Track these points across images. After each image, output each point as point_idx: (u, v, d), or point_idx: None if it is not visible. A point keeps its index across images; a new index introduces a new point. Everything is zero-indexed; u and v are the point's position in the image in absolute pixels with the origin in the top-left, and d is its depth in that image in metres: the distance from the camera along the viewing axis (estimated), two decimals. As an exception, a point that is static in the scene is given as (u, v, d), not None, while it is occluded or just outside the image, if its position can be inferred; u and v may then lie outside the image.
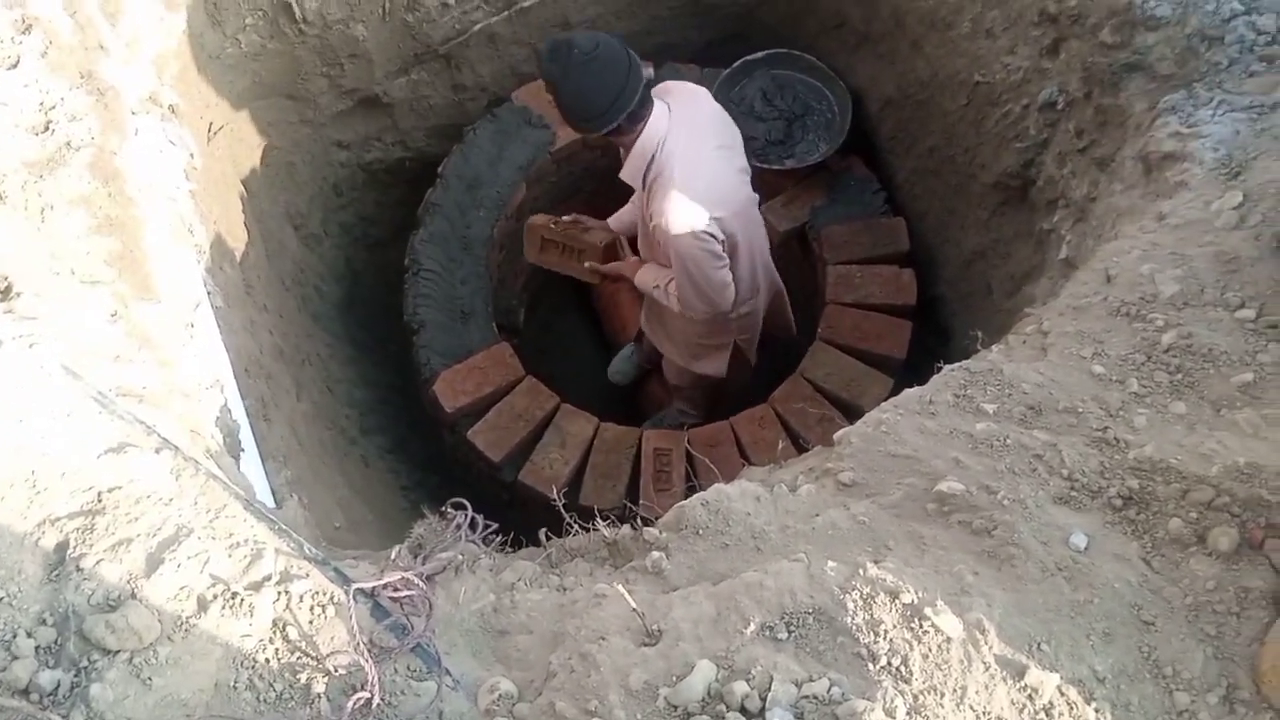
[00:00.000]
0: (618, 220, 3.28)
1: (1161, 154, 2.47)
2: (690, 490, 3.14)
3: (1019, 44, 3.09)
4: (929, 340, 3.80)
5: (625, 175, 2.87)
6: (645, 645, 1.60)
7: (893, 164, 3.97)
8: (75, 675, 1.46)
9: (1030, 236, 3.19)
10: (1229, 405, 1.90)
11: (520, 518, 2.28)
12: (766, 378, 3.69)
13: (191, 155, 2.88)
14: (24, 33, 2.42)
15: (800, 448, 3.29)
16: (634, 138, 2.76)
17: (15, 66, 2.38)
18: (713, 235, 2.82)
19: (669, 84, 2.93)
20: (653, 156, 2.78)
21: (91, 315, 2.10)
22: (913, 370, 3.37)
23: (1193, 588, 1.62)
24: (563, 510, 2.17)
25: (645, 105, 2.70)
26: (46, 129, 2.34)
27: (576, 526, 2.15)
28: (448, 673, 1.64)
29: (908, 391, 2.16)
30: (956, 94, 3.42)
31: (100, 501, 1.67)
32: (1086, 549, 1.69)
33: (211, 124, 3.19)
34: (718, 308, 2.99)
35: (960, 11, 3.29)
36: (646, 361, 4.18)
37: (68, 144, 2.33)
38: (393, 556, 1.93)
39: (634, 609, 1.61)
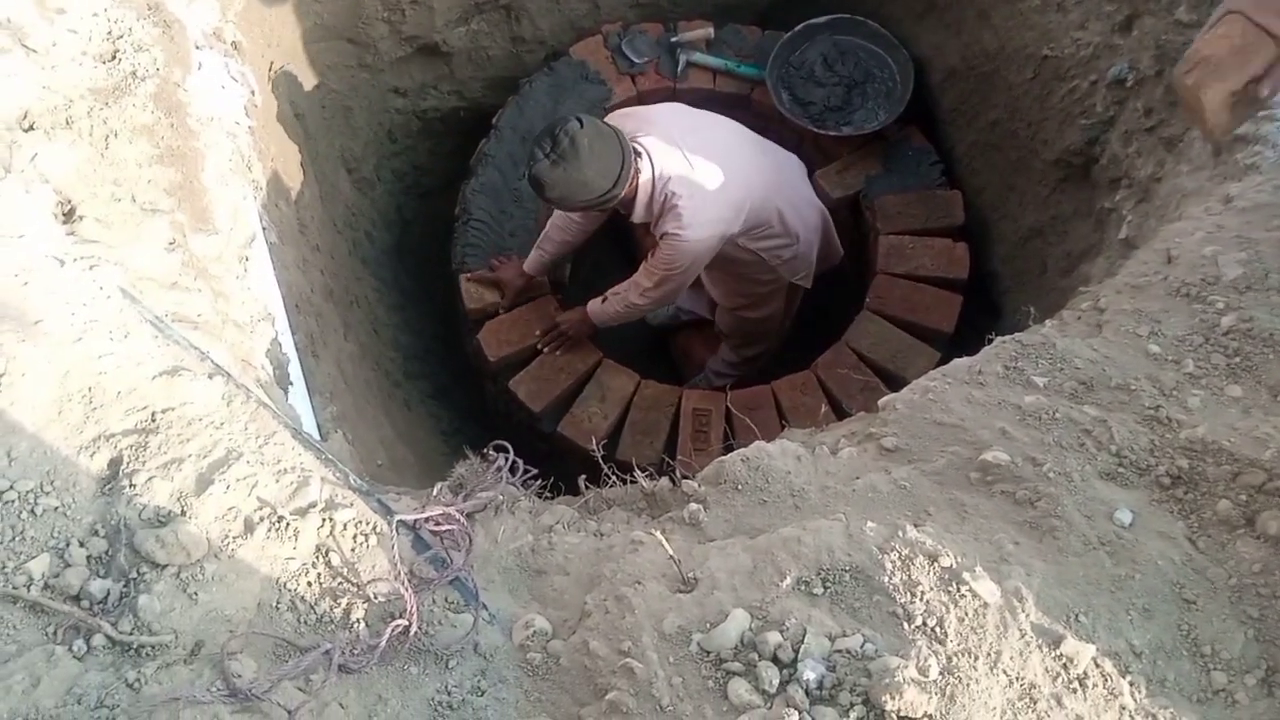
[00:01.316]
0: (534, 264, 3.48)
1: (1233, 135, 2.41)
2: (728, 450, 3.16)
3: (1091, 19, 3.02)
4: (979, 318, 3.74)
5: (639, 218, 3.01)
6: (680, 592, 1.61)
7: (952, 136, 3.90)
8: (124, 585, 1.50)
9: (1090, 215, 3.13)
10: (1287, 391, 1.86)
11: (558, 469, 2.30)
12: (811, 345, 3.67)
13: (253, 92, 2.90)
14: (95, -39, 2.45)
15: (842, 414, 3.28)
16: (634, 187, 2.90)
17: (86, -7, 2.41)
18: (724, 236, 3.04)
19: (620, 117, 3.10)
20: (653, 192, 2.93)
21: (150, 242, 2.13)
22: (959, 346, 3.31)
23: (1238, 569, 1.60)
24: (601, 461, 2.19)
25: (631, 154, 2.85)
26: (114, 58, 2.37)
27: (615, 478, 2.17)
28: (484, 606, 1.67)
29: (957, 361, 2.13)
30: (1023, 67, 3.35)
31: (154, 421, 1.71)
32: (1131, 525, 1.68)
33: (273, 63, 3.21)
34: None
35: (1032, -19, 3.21)
36: (686, 312, 4.22)
37: (133, 73, 2.36)
38: (434, 493, 1.96)
39: (671, 555, 1.63)
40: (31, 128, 2.14)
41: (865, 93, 3.88)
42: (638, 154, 2.89)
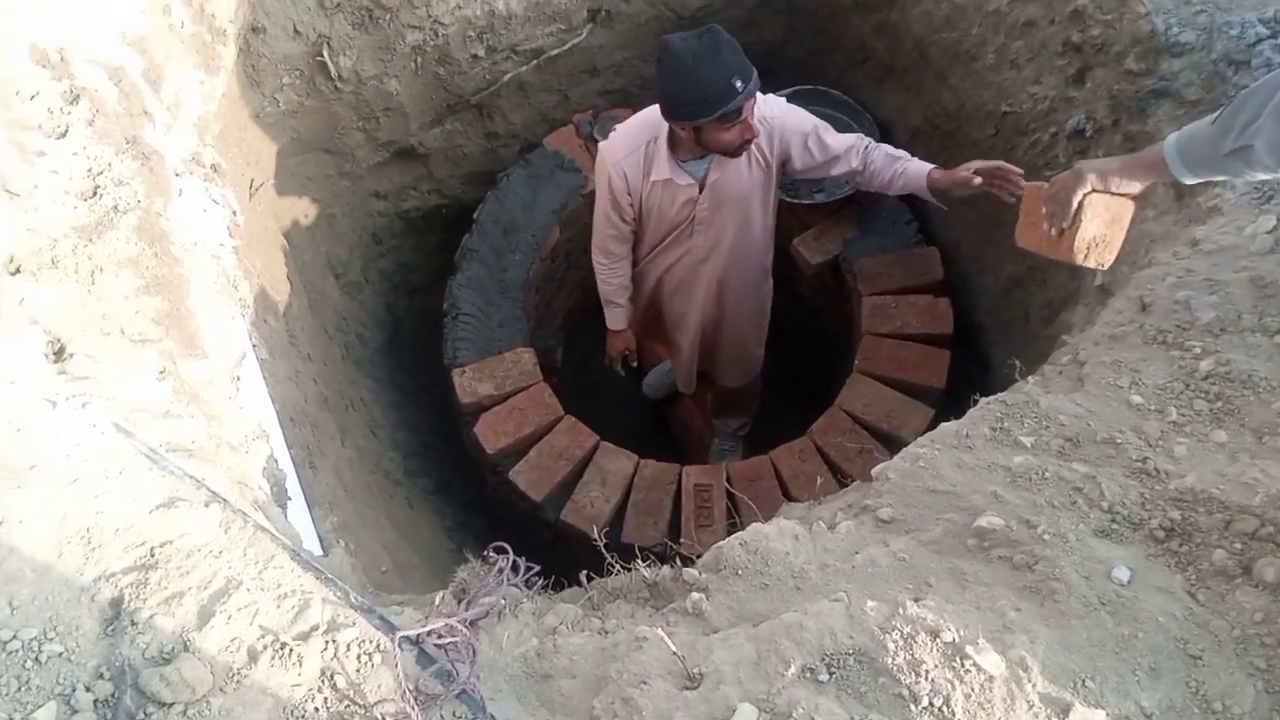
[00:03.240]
0: (619, 317, 3.47)
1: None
2: (732, 527, 3.17)
3: (1044, 74, 3.10)
4: (970, 369, 3.77)
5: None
6: (687, 689, 1.61)
7: (924, 194, 3.96)
8: (132, 729, 1.50)
9: (1065, 264, 3.17)
10: (1271, 432, 1.89)
11: (565, 555, 2.30)
12: (796, 414, 3.69)
13: (234, 213, 2.96)
14: (72, 103, 2.52)
15: (841, 481, 3.29)
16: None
17: (64, 135, 2.48)
18: None
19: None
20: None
21: (141, 373, 2.16)
22: (954, 399, 3.35)
23: (1240, 620, 1.60)
24: (604, 550, 2.20)
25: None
26: (95, 194, 2.43)
27: (618, 566, 2.17)
28: (493, 718, 1.66)
29: (944, 426, 2.15)
30: (984, 124, 3.43)
31: (153, 556, 1.72)
32: (1129, 582, 1.68)
33: (253, 181, 3.29)
34: None
35: (984, 44, 3.30)
36: (685, 387, 4.24)
37: (115, 208, 2.42)
38: (437, 602, 1.96)
39: (674, 652, 1.63)
40: (18, 270, 2.19)
41: (835, 160, 3.95)
42: None
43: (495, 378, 3.62)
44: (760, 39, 4.29)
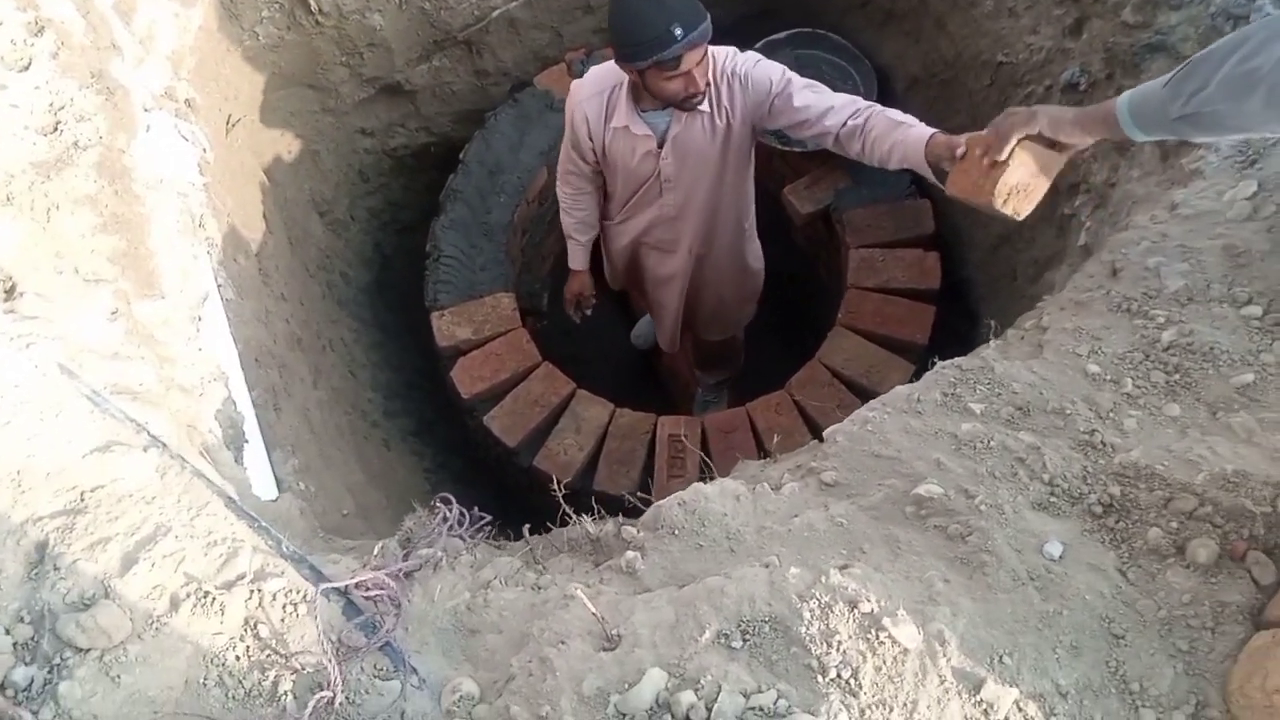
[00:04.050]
0: (580, 257, 3.31)
1: (1177, 140, 2.37)
2: (706, 479, 3.16)
3: (1041, 23, 2.99)
4: (959, 324, 3.72)
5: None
6: (605, 649, 1.61)
7: (920, 144, 3.87)
8: (48, 672, 1.52)
9: (1053, 221, 3.09)
10: (1225, 408, 1.84)
11: (539, 500, 2.29)
12: (786, 364, 3.65)
13: (204, 150, 2.92)
14: (37, 35, 2.48)
15: (818, 435, 3.26)
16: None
17: (27, 69, 2.44)
18: None
19: None
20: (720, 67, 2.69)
21: (92, 313, 2.15)
22: (941, 355, 3.30)
23: (1167, 600, 1.58)
24: (562, 500, 2.18)
25: None
26: (55, 130, 2.39)
27: (574, 517, 2.16)
28: (414, 671, 1.67)
29: (897, 389, 2.12)
30: (980, 74, 3.32)
31: (83, 500, 1.72)
32: (1061, 558, 1.66)
33: (230, 115, 3.24)
34: None
35: (983, -11, 3.19)
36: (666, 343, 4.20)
37: (75, 144, 2.39)
38: (376, 551, 1.97)
39: (594, 613, 1.62)
40: (-29, 207, 2.17)
41: (829, 106, 3.85)
42: None
43: (474, 321, 3.60)
44: (761, -22, 4.17)
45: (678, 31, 2.40)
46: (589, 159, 2.94)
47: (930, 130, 2.49)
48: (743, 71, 2.70)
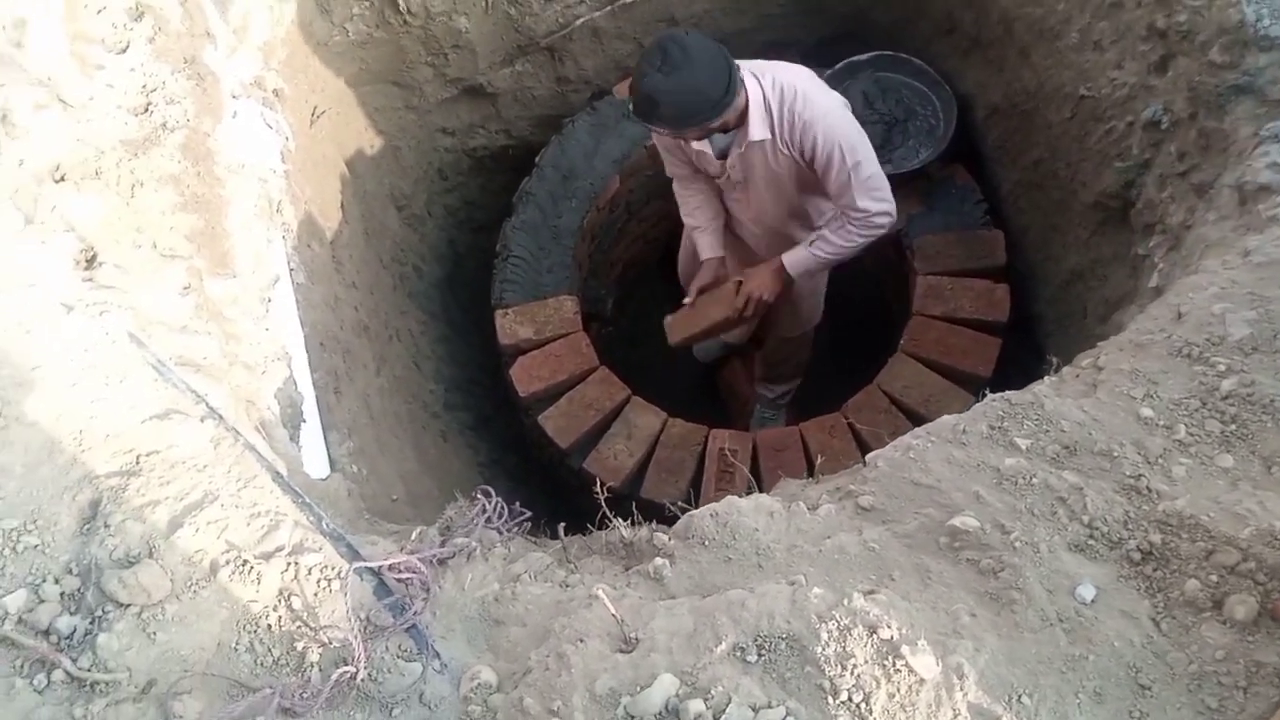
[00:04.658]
0: (711, 250, 3.29)
1: (1257, 185, 2.31)
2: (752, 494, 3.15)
3: (1126, 58, 2.93)
4: (1026, 360, 3.65)
5: (756, 133, 2.79)
6: (621, 652, 1.62)
7: (998, 175, 3.82)
8: (90, 623, 1.59)
9: (1127, 261, 3.02)
10: (1281, 463, 1.77)
11: (588, 502, 2.32)
12: (845, 387, 3.62)
13: (288, 139, 3.03)
14: (136, 20, 2.60)
15: (868, 462, 3.23)
16: (745, 99, 2.74)
17: (124, 51, 2.56)
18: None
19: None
20: (766, 96, 2.76)
21: (166, 287, 2.25)
22: (1003, 390, 3.24)
23: (1200, 655, 1.53)
24: (604, 503, 2.19)
25: (734, 63, 2.68)
26: (146, 110, 2.51)
27: (612, 521, 2.18)
28: (437, 656, 1.71)
29: (944, 418, 2.09)
30: (1061, 106, 3.26)
31: (138, 464, 1.80)
32: (1093, 602, 1.62)
33: (316, 107, 3.35)
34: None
35: (1069, 21, 3.13)
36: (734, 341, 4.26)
37: (163, 125, 2.50)
38: (414, 536, 2.01)
39: (614, 615, 1.64)
40: (63, 179, 2.28)
41: (906, 130, 3.83)
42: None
43: (536, 322, 3.66)
44: (846, 1, 4.15)
45: (629, 109, 2.70)
46: (680, 159, 3.04)
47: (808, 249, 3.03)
48: (812, 117, 2.76)
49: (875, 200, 2.85)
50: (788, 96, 2.76)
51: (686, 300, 3.31)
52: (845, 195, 2.85)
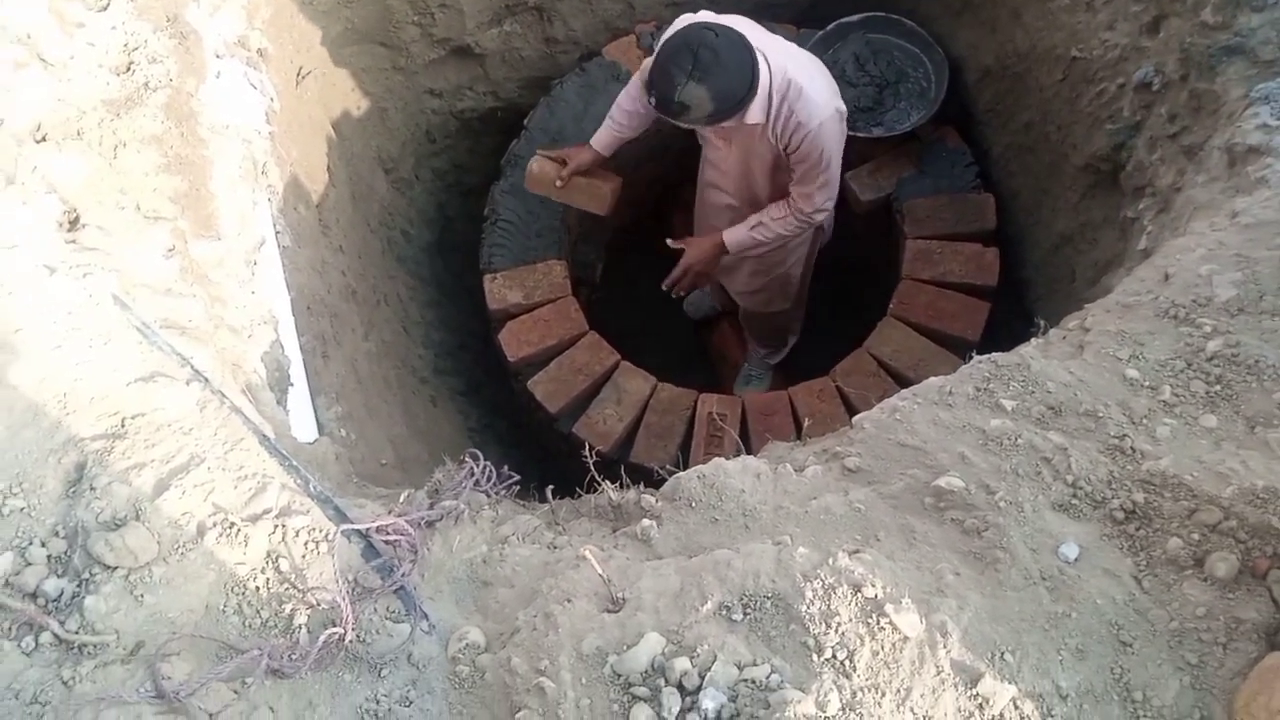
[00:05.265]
0: (603, 139, 3.30)
1: (1246, 146, 2.30)
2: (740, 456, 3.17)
3: (1118, 19, 2.91)
4: (1015, 325, 3.65)
5: (753, 116, 2.82)
6: (608, 612, 1.63)
7: (989, 137, 3.80)
8: (77, 586, 1.59)
9: (1116, 224, 3.02)
10: (1265, 423, 1.78)
11: (578, 467, 2.33)
12: (835, 350, 3.63)
13: (272, 99, 2.99)
14: (116, -24, 2.56)
15: (856, 425, 3.24)
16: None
17: (105, 9, 2.52)
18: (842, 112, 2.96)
19: (709, 20, 2.85)
20: (772, 87, 2.80)
21: (150, 249, 2.23)
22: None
23: (1181, 612, 1.55)
24: (592, 467, 2.20)
25: (756, 51, 2.72)
26: (128, 70, 2.47)
27: (601, 484, 2.18)
28: (425, 617, 1.72)
29: (930, 380, 2.09)
30: (1053, 68, 3.24)
31: (124, 426, 1.79)
32: (1076, 560, 1.63)
33: (301, 68, 3.31)
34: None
35: (1062, -20, 3.11)
36: (723, 305, 4.29)
37: (146, 85, 2.46)
38: (402, 499, 2.02)
39: (600, 575, 1.64)
40: (44, 139, 2.25)
41: (898, 93, 3.80)
42: None
43: (525, 286, 3.64)
44: (839, -40, 4.10)
45: (651, 100, 2.73)
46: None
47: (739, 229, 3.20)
48: (806, 117, 2.82)
49: (826, 200, 3.06)
50: (791, 93, 2.80)
51: (563, 175, 3.33)
52: (805, 186, 3.01)
